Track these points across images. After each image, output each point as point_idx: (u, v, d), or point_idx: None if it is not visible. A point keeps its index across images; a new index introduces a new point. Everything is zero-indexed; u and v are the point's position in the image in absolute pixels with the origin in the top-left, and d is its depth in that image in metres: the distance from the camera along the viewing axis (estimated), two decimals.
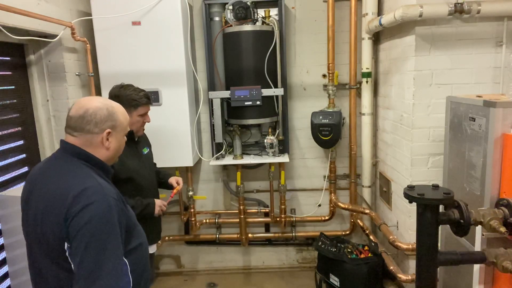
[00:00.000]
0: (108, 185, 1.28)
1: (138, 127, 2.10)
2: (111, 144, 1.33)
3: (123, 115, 1.39)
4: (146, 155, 2.24)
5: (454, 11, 2.11)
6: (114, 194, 1.26)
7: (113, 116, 1.33)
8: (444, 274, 2.19)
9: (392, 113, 2.70)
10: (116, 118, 1.34)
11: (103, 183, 1.25)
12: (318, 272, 2.97)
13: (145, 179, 2.15)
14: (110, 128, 1.32)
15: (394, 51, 2.62)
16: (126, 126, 1.40)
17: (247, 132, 3.13)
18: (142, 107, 2.05)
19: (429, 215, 1.41)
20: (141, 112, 2.07)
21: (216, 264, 3.52)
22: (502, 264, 1.45)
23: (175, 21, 2.66)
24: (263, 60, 2.84)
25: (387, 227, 2.71)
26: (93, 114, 1.28)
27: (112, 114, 1.33)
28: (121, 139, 1.39)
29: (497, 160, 1.67)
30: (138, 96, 2.03)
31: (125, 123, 1.39)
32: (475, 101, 1.80)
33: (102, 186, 1.23)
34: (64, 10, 2.54)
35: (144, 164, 2.18)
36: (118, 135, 1.36)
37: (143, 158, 2.20)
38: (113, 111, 1.34)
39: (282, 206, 3.25)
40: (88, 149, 1.30)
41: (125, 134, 1.41)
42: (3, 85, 2.27)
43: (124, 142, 1.42)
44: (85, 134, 1.28)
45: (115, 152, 1.37)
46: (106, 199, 1.20)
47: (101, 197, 1.19)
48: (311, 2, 3.09)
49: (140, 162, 2.15)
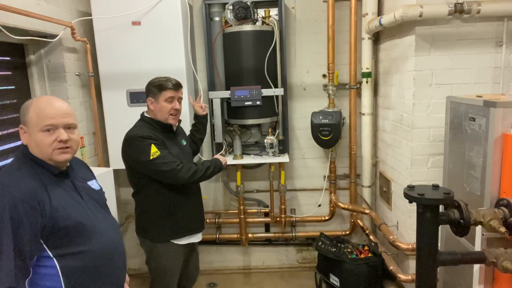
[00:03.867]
0: (28, 183, 1.26)
1: (165, 114, 2.09)
2: (27, 141, 1.33)
3: (36, 110, 1.30)
4: (185, 146, 2.29)
5: (454, 11, 2.11)
6: (24, 193, 1.23)
7: (24, 111, 1.32)
8: (444, 274, 2.19)
9: (392, 113, 2.70)
10: (26, 112, 1.32)
11: (20, 181, 1.26)
12: (318, 272, 2.97)
13: None
14: (22, 124, 1.34)
15: (394, 51, 2.62)
16: (37, 121, 1.30)
17: (247, 132, 3.13)
18: (166, 91, 2.07)
19: (429, 215, 1.41)
20: (166, 96, 2.07)
21: (216, 264, 3.52)
22: (502, 264, 1.45)
23: (175, 21, 2.66)
24: (263, 60, 2.84)
25: (387, 227, 2.71)
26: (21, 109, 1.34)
27: (25, 109, 1.32)
28: (36, 135, 1.30)
29: (497, 160, 1.67)
30: (161, 82, 2.08)
31: (35, 118, 1.30)
32: (475, 101, 1.80)
33: (9, 183, 1.24)
34: (64, 10, 2.54)
35: (184, 154, 2.23)
36: (30, 130, 1.32)
37: (184, 148, 2.26)
38: (27, 105, 1.33)
39: (282, 206, 3.25)
40: (29, 146, 1.34)
41: (45, 131, 1.31)
42: (3, 85, 2.27)
43: (44, 141, 1.31)
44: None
45: (39, 150, 1.32)
46: (3, 196, 1.21)
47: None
48: (311, 2, 3.09)
49: (181, 151, 2.20)
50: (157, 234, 2.13)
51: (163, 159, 1.98)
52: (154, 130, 2.08)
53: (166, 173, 1.99)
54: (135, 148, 2.01)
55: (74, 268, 1.31)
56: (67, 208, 1.32)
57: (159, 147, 2.00)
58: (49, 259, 1.28)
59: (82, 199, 1.41)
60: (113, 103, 2.76)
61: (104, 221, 1.46)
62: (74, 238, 1.32)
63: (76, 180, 1.45)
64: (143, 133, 2.02)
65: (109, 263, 1.42)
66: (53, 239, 1.28)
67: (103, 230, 1.42)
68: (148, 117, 2.14)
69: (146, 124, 2.11)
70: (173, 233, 2.14)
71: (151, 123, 2.11)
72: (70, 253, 1.31)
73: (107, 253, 1.41)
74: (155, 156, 1.97)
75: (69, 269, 1.30)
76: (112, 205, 1.88)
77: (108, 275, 1.42)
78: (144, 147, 1.98)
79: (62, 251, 1.29)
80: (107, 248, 1.41)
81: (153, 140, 2.00)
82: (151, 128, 2.09)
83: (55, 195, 1.31)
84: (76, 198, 1.39)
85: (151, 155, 1.97)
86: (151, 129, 2.08)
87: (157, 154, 1.97)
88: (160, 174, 2.01)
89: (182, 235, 2.16)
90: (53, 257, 1.28)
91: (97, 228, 1.39)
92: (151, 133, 2.04)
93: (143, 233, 2.18)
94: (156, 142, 2.01)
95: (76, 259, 1.32)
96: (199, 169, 2.08)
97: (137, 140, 2.01)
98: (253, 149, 3.19)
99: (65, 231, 1.30)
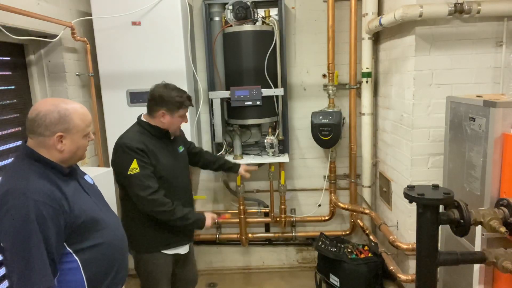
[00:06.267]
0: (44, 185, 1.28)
1: (176, 127, 2.10)
2: (65, 147, 1.35)
3: (80, 117, 1.37)
4: (181, 154, 2.23)
5: (454, 11, 2.11)
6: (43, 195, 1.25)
7: (65, 119, 1.33)
8: (444, 274, 2.19)
9: (392, 113, 2.70)
10: (70, 120, 1.34)
11: (35, 184, 1.26)
12: (318, 272, 2.97)
13: (177, 178, 2.12)
14: (62, 131, 1.33)
15: (394, 51, 2.62)
16: (84, 127, 1.39)
17: (247, 132, 3.13)
18: (184, 109, 2.07)
19: (429, 215, 1.41)
20: (182, 113, 2.07)
21: (216, 264, 3.52)
22: (502, 264, 1.45)
23: (175, 21, 2.66)
24: (263, 60, 2.84)
25: (387, 227, 2.71)
26: (43, 117, 1.30)
27: (65, 117, 1.33)
28: (79, 141, 1.38)
29: (497, 160, 1.67)
30: (182, 99, 2.03)
31: (82, 125, 1.38)
32: (475, 101, 1.80)
33: (27, 188, 1.24)
34: (64, 10, 2.54)
35: (179, 163, 2.17)
36: (74, 137, 1.36)
37: (179, 156, 2.20)
38: (66, 113, 1.34)
39: (282, 206, 3.25)
40: (42, 150, 1.33)
41: (86, 135, 1.41)
42: (3, 85, 2.27)
43: (85, 144, 1.42)
44: (37, 136, 1.32)
45: (72, 154, 1.38)
46: (25, 202, 1.21)
47: (19, 201, 1.22)
48: (311, 2, 3.09)
49: (175, 160, 2.13)
50: (143, 244, 2.07)
51: (139, 180, 1.90)
52: (148, 136, 2.01)
53: (138, 196, 1.92)
54: (118, 156, 1.96)
55: (92, 260, 1.38)
56: (81, 205, 1.37)
57: (142, 163, 1.91)
58: (69, 255, 1.34)
59: (88, 195, 1.47)
60: (113, 103, 2.75)
61: (109, 213, 1.54)
62: (90, 233, 1.38)
63: (79, 177, 1.50)
64: (131, 143, 1.93)
65: (119, 252, 1.51)
66: (73, 236, 1.33)
67: (111, 222, 1.50)
68: (145, 121, 2.05)
69: (142, 129, 2.03)
70: (159, 244, 2.08)
71: (147, 129, 2.03)
72: (88, 246, 1.37)
73: (118, 243, 1.50)
74: (132, 172, 1.90)
75: (88, 262, 1.37)
76: (112, 205, 1.88)
77: (120, 262, 1.51)
78: (125, 159, 1.92)
79: (81, 246, 1.36)
80: (117, 239, 1.51)
81: (138, 155, 1.91)
82: (146, 134, 2.01)
83: (69, 194, 1.34)
84: (83, 194, 1.45)
85: (129, 170, 1.90)
86: (145, 136, 2.00)
87: (135, 171, 1.90)
88: (132, 192, 1.94)
89: (169, 247, 2.11)
90: (73, 253, 1.34)
91: (106, 220, 1.46)
92: (140, 143, 1.94)
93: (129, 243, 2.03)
94: (140, 157, 1.92)
95: (94, 252, 1.39)
96: (175, 212, 1.96)
97: (122, 149, 1.93)
98: (253, 149, 3.19)
99: (83, 227, 1.35)
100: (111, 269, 1.46)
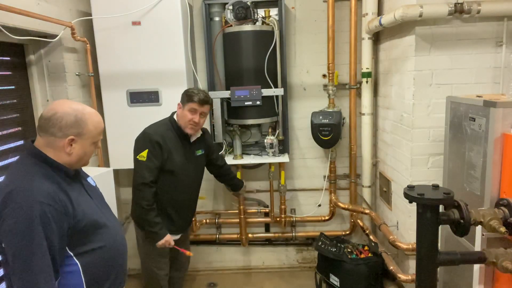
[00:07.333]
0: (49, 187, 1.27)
1: (185, 122, 2.20)
2: (74, 151, 1.34)
3: (94, 124, 1.38)
4: (198, 156, 2.38)
5: (454, 11, 2.11)
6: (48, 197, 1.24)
7: (80, 124, 1.33)
8: (444, 274, 2.19)
9: (392, 113, 2.70)
10: (84, 125, 1.34)
11: (40, 185, 1.25)
12: (318, 272, 2.97)
13: (188, 177, 2.30)
14: (74, 135, 1.32)
15: (394, 51, 2.62)
16: (96, 135, 1.39)
17: (247, 132, 3.13)
18: (192, 103, 2.17)
19: (429, 215, 1.41)
20: (191, 106, 2.17)
21: (216, 264, 3.52)
22: (502, 264, 1.45)
23: (175, 21, 2.66)
24: (263, 60, 2.84)
25: (387, 227, 2.71)
26: (59, 118, 1.30)
27: (80, 121, 1.33)
28: (88, 147, 1.38)
29: (497, 160, 1.67)
30: (193, 94, 2.18)
31: (94, 132, 1.38)
32: (475, 101, 1.80)
33: (32, 189, 1.23)
34: (64, 10, 2.54)
35: (191, 164, 2.31)
36: (84, 142, 1.36)
37: (193, 158, 2.34)
38: (83, 118, 1.34)
39: (282, 206, 3.25)
40: (49, 150, 1.32)
41: (95, 143, 1.41)
42: (3, 85, 2.27)
43: (92, 151, 1.43)
44: (49, 136, 1.31)
45: (78, 159, 1.37)
46: (30, 203, 1.20)
47: (24, 201, 1.21)
48: (311, 2, 3.09)
49: (187, 160, 2.28)
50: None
51: (140, 168, 2.14)
52: (171, 131, 2.22)
53: (133, 180, 2.19)
54: (139, 140, 2.19)
55: (92, 264, 1.37)
56: (84, 208, 1.36)
57: (151, 155, 2.13)
58: (70, 258, 1.33)
59: (90, 198, 1.46)
60: (113, 103, 2.75)
61: (110, 216, 1.53)
62: (91, 236, 1.37)
63: (82, 179, 1.50)
64: (152, 134, 2.16)
65: (120, 256, 1.50)
66: (75, 239, 1.32)
67: (112, 225, 1.49)
68: (174, 118, 2.26)
69: (169, 123, 2.25)
70: None
71: (173, 124, 2.24)
72: (89, 250, 1.36)
73: (118, 247, 1.49)
74: (140, 158, 2.14)
75: (89, 265, 1.36)
76: (112, 205, 1.89)
77: (120, 266, 1.50)
78: (141, 145, 2.16)
79: (82, 249, 1.34)
80: (117, 242, 1.49)
81: (152, 147, 2.13)
82: (170, 130, 2.22)
83: (73, 197, 1.33)
84: (86, 197, 1.44)
85: (139, 155, 2.14)
86: (169, 131, 2.21)
87: (142, 159, 2.13)
88: (134, 173, 2.19)
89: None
90: (73, 256, 1.33)
91: (107, 223, 1.45)
92: (160, 137, 2.15)
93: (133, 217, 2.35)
94: (152, 150, 2.13)
95: (94, 255, 1.38)
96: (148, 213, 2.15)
97: (144, 136, 2.17)
98: (253, 149, 3.19)
99: (85, 230, 1.34)
100: (111, 273, 1.45)
